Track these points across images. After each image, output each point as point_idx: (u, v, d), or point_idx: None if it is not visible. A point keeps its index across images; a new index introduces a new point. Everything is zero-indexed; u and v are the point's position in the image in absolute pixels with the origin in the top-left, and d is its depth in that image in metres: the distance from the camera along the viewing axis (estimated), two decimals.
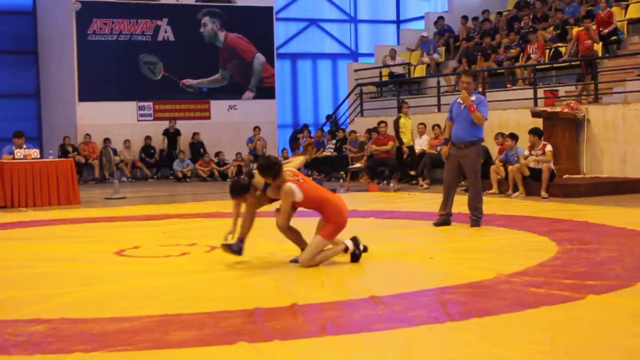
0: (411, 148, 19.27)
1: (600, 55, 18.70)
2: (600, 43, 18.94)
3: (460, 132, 10.63)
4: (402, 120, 19.24)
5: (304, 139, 24.30)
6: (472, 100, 10.52)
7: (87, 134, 23.70)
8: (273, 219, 7.86)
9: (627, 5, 20.39)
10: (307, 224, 8.16)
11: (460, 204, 11.09)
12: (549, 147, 15.12)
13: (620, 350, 4.85)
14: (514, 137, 15.79)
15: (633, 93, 16.77)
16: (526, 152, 15.34)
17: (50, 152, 18.03)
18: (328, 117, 26.39)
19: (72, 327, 5.53)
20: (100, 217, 13.07)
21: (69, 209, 14.65)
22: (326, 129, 24.98)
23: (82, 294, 6.80)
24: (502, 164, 15.70)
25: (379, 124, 18.81)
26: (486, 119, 10.68)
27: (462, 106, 10.58)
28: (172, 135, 24.65)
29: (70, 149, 23.11)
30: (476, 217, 10.64)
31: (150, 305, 6.20)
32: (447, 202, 10.80)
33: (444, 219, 10.82)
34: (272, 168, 7.53)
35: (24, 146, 16.01)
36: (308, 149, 23.59)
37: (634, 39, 19.45)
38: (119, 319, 5.73)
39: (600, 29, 19.15)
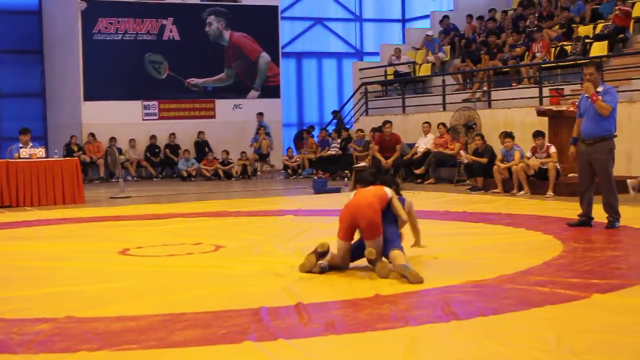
0: None
1: (606, 53, 18.69)
2: (606, 42, 18.93)
3: (589, 127, 10.02)
4: None
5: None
6: (598, 92, 9.93)
7: (91, 133, 23.72)
8: (278, 217, 7.85)
9: (633, 4, 20.33)
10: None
11: (470, 202, 11.04)
12: (553, 149, 15.11)
13: (626, 349, 4.84)
14: (510, 135, 15.81)
15: (639, 92, 16.72)
16: (528, 154, 15.32)
17: (56, 151, 18.04)
18: (334, 112, 26.37)
19: (77, 326, 5.54)
20: (105, 217, 13.07)
21: (74, 208, 14.65)
22: (330, 127, 25.00)
23: (86, 293, 6.80)
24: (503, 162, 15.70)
25: (384, 123, 18.76)
26: (613, 109, 9.94)
27: (589, 99, 9.99)
28: (173, 147, 24.63)
29: (75, 148, 23.15)
30: (612, 219, 10.00)
31: (155, 305, 6.20)
32: (583, 204, 10.24)
33: (582, 221, 10.25)
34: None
35: (30, 144, 16.05)
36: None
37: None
38: (124, 318, 5.73)
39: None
